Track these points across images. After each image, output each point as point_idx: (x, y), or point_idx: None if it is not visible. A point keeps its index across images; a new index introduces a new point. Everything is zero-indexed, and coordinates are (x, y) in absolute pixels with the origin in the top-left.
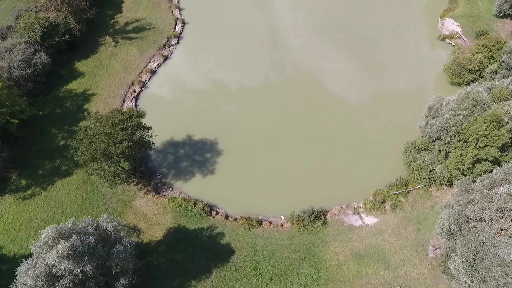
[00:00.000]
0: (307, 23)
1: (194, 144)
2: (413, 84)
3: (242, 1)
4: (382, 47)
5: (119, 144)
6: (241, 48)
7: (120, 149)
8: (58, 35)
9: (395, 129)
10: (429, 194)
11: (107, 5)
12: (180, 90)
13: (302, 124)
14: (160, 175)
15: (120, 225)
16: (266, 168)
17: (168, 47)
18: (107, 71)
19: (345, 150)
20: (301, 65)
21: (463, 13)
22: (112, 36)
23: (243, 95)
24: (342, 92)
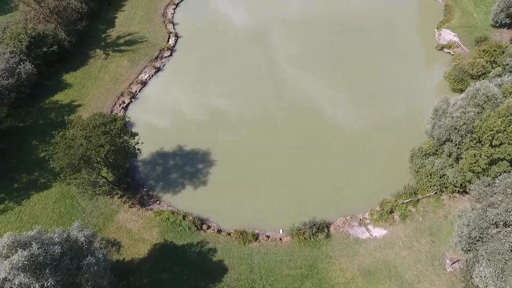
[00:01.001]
0: (303, 49)
1: (185, 154)
2: (415, 92)
3: (238, 24)
4: (380, 63)
5: (99, 149)
6: (235, 62)
7: (100, 154)
8: (46, 46)
9: (399, 136)
10: (441, 202)
11: (100, 20)
12: (171, 102)
13: (302, 135)
14: (147, 187)
15: (95, 235)
16: (263, 178)
17: (160, 59)
18: (95, 82)
19: (347, 158)
20: (297, 88)
21: (459, 24)
22: (103, 49)
23: (238, 108)
24: (344, 108)
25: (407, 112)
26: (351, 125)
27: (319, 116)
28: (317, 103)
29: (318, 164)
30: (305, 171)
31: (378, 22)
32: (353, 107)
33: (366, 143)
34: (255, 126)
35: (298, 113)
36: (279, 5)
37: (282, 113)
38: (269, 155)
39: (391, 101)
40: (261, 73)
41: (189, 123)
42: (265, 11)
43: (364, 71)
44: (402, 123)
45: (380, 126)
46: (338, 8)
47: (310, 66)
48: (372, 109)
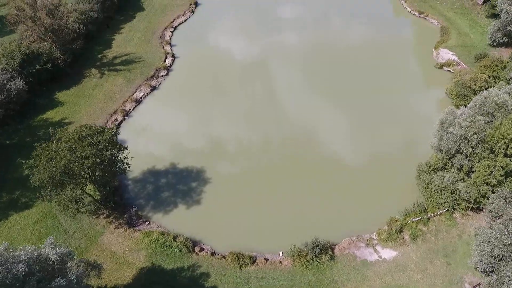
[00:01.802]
0: (301, 77)
1: (178, 172)
2: (417, 111)
3: (236, 51)
4: (380, 85)
5: (83, 161)
6: (232, 86)
7: (84, 166)
8: (39, 64)
9: (403, 153)
10: (453, 221)
11: (97, 41)
12: (165, 121)
13: (303, 157)
14: (136, 207)
15: (70, 254)
16: (261, 197)
17: (156, 78)
18: (88, 100)
19: (349, 177)
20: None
21: (456, 44)
22: (99, 69)
23: (236, 134)
24: (346, 133)
25: (410, 129)
26: (354, 147)
27: (321, 141)
28: (318, 128)
29: (319, 183)
30: (306, 190)
31: (375, 47)
32: (355, 131)
33: (369, 161)
34: (253, 152)
35: (298, 139)
36: (277, 33)
37: (282, 139)
38: (268, 174)
39: (394, 120)
40: (259, 100)
41: (184, 143)
42: (263, 40)
43: (364, 94)
44: (406, 141)
45: (384, 144)
46: (335, 37)
47: (310, 93)
48: (375, 130)
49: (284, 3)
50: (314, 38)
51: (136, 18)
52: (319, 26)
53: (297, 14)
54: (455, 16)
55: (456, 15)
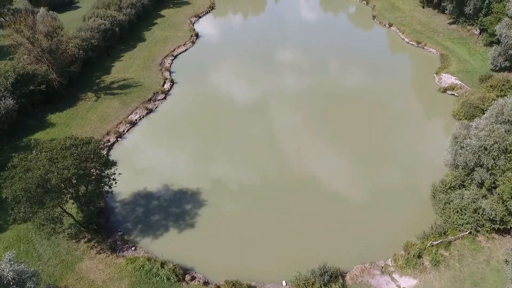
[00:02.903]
0: (301, 119)
1: (171, 194)
2: (424, 134)
3: (236, 85)
4: (383, 116)
5: (62, 171)
6: (230, 114)
7: (63, 177)
8: (33, 84)
9: (414, 175)
10: (478, 245)
11: (96, 67)
12: (161, 143)
13: (307, 187)
14: (122, 231)
15: (34, 275)
16: (261, 220)
17: (153, 102)
18: (81, 122)
19: (359, 202)
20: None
21: (458, 69)
22: (95, 92)
23: (231, 155)
24: (350, 167)
25: (419, 153)
26: (361, 176)
27: (325, 175)
28: (321, 163)
29: (326, 209)
30: (311, 215)
31: (376, 77)
32: (362, 160)
33: (379, 187)
34: (255, 177)
35: (301, 174)
36: (277, 69)
37: (283, 174)
38: (270, 199)
39: (401, 146)
40: (258, 139)
41: (179, 167)
42: (263, 76)
43: (368, 123)
44: (416, 164)
45: (393, 170)
46: (335, 73)
47: (310, 135)
48: (383, 157)
49: (284, 40)
50: (315, 79)
51: (137, 48)
52: (318, 62)
53: (296, 49)
54: (453, 45)
55: (454, 44)
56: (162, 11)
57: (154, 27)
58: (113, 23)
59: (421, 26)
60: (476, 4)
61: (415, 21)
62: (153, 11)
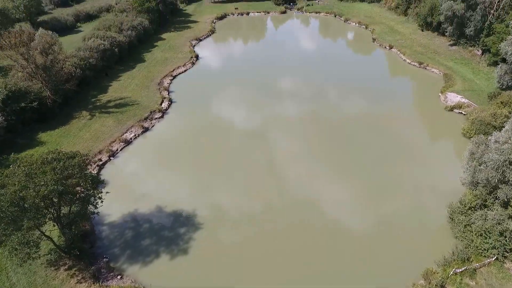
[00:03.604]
0: (302, 145)
1: (164, 216)
2: (433, 155)
3: (236, 108)
4: (388, 140)
5: (39, 188)
6: (229, 137)
7: (40, 194)
8: (25, 101)
9: (428, 196)
10: (507, 272)
11: (93, 87)
12: (155, 162)
13: (314, 216)
14: (108, 257)
15: None
16: (260, 250)
17: (150, 120)
18: (73, 140)
19: (368, 225)
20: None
21: (463, 88)
22: (90, 111)
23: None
24: (352, 196)
25: (430, 174)
26: (370, 202)
27: (331, 204)
28: (326, 192)
29: (332, 235)
30: (316, 243)
31: (379, 99)
32: (370, 186)
33: (391, 211)
34: (254, 201)
35: (304, 204)
36: (277, 99)
37: (284, 204)
38: (270, 223)
39: (411, 167)
40: (257, 163)
41: (174, 188)
42: (263, 106)
43: (373, 150)
44: (428, 185)
45: (404, 193)
46: (336, 101)
47: (313, 161)
48: (392, 181)
49: (284, 65)
50: (315, 95)
51: (136, 68)
52: (320, 87)
53: (297, 74)
54: (456, 65)
55: (457, 64)
56: (163, 34)
57: (154, 49)
58: (113, 43)
59: (421, 47)
60: (476, 25)
61: (415, 43)
62: (154, 34)
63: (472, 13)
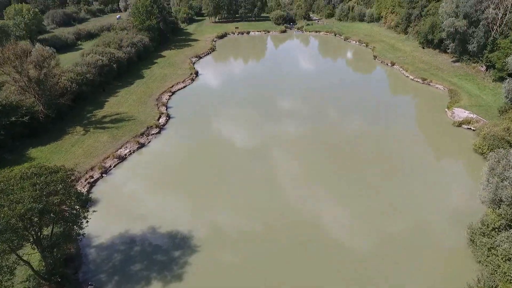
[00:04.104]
0: (303, 164)
1: (157, 238)
2: (445, 171)
3: (236, 124)
4: (394, 158)
5: (15, 205)
6: (228, 154)
7: (15, 213)
8: (15, 115)
9: (442, 217)
10: None
11: (89, 102)
12: (149, 180)
13: (318, 237)
14: (93, 284)
15: None
16: (261, 274)
17: (146, 136)
18: (64, 156)
19: (376, 249)
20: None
21: (470, 104)
22: (84, 126)
23: (227, 190)
24: (353, 219)
25: (443, 193)
26: (376, 226)
27: (334, 228)
28: (331, 212)
29: (337, 259)
30: (320, 267)
31: (384, 116)
32: (375, 210)
33: (401, 233)
34: (253, 237)
35: (308, 225)
36: (277, 118)
37: (286, 224)
38: (270, 245)
39: (420, 187)
40: (256, 183)
41: (168, 207)
42: (263, 124)
43: (379, 169)
44: (442, 206)
45: (415, 214)
46: (339, 120)
47: (313, 180)
48: (400, 203)
49: (284, 83)
50: (317, 125)
51: (134, 84)
52: (322, 105)
53: (298, 93)
54: (460, 81)
55: (461, 80)
56: (163, 51)
57: (153, 65)
58: (111, 59)
59: (424, 64)
60: (479, 41)
61: (417, 60)
62: (154, 52)
63: (474, 29)
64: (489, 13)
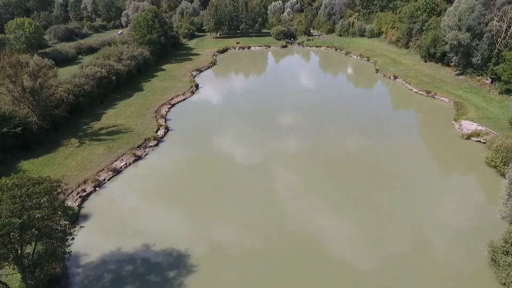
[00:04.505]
0: (303, 180)
1: (151, 257)
2: (457, 186)
3: (236, 139)
4: (398, 174)
5: None
6: (228, 168)
7: None
8: (7, 126)
9: (459, 233)
10: None
11: (86, 114)
12: (145, 194)
13: (320, 257)
14: None
15: None
16: (264, 285)
17: (143, 148)
18: (56, 169)
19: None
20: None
21: (477, 116)
22: (79, 138)
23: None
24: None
25: (457, 210)
26: (384, 245)
27: (339, 246)
28: (332, 230)
29: (342, 278)
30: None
31: (389, 130)
32: (382, 227)
33: (411, 253)
34: (253, 254)
35: (304, 243)
36: (278, 133)
37: (286, 244)
38: (271, 262)
39: (430, 204)
40: (256, 198)
41: (163, 224)
42: (263, 138)
43: (386, 184)
44: (458, 223)
45: (426, 232)
46: (342, 134)
47: (313, 196)
48: (409, 221)
49: (285, 98)
50: (320, 130)
51: (133, 97)
52: (324, 120)
53: (299, 108)
54: (465, 94)
55: (466, 93)
56: (163, 65)
57: (153, 79)
58: (110, 71)
59: (427, 77)
60: (483, 54)
61: (420, 73)
62: (154, 65)
63: (478, 42)
64: (493, 25)
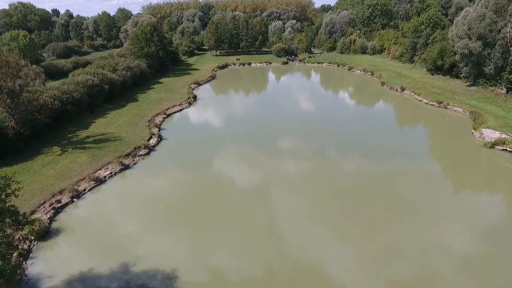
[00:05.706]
0: (306, 204)
1: (129, 279)
2: (488, 201)
3: (233, 151)
4: (426, 185)
5: None
6: (224, 181)
7: None
8: None
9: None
10: None
11: (73, 123)
12: (129, 207)
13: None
14: None
15: None
16: None
17: (132, 157)
18: (31, 178)
19: None
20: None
21: (498, 124)
22: (62, 146)
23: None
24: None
25: (491, 227)
26: (395, 272)
27: (344, 275)
28: (336, 258)
29: None
30: None
31: (402, 142)
32: (393, 249)
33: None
34: (253, 283)
35: (306, 271)
36: (278, 154)
37: (287, 273)
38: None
39: (457, 224)
40: (254, 222)
41: (147, 240)
42: (263, 159)
43: (401, 202)
44: (493, 243)
45: (455, 257)
46: (348, 152)
47: (316, 222)
48: (428, 245)
49: (286, 117)
50: (321, 163)
51: (127, 107)
52: (331, 137)
53: (302, 127)
54: (480, 104)
55: (481, 103)
56: (161, 79)
57: (150, 90)
58: (103, 80)
59: (437, 89)
60: (497, 63)
61: (428, 85)
62: (151, 78)
63: (490, 50)
64: (506, 32)
